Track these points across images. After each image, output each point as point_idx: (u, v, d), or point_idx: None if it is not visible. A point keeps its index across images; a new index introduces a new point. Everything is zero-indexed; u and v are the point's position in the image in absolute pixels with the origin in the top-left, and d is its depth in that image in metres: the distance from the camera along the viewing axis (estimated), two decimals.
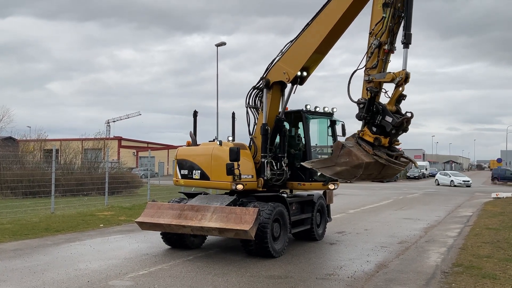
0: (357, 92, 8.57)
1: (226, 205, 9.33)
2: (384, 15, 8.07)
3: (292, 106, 10.87)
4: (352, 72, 8.62)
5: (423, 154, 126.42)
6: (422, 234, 12.82)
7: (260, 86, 10.44)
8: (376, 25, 8.19)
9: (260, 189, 10.19)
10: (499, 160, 69.03)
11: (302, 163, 9.37)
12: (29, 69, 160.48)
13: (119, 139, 68.00)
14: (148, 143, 77.38)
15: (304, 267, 8.50)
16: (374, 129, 8.06)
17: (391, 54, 8.40)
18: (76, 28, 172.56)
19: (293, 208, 10.52)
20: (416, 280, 7.58)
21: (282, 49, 10.14)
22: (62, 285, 7.08)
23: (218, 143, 10.19)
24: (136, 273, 7.84)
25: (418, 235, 12.72)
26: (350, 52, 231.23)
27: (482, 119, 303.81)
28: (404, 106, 8.72)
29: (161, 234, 10.18)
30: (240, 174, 9.54)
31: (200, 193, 10.61)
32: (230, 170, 9.47)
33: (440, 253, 9.92)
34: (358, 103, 8.30)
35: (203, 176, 10.18)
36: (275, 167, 10.20)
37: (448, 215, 18.02)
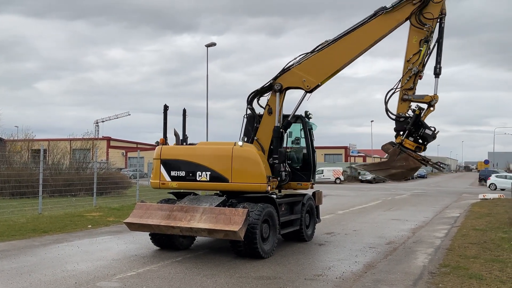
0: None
1: (216, 206, 9.32)
2: (421, 48, 9.89)
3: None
4: (389, 93, 10.13)
5: None
6: (410, 235, 12.92)
7: (276, 88, 10.45)
8: (413, 55, 9.94)
9: (274, 190, 10.42)
10: (486, 162, 69.79)
11: (353, 165, 10.64)
12: (17, 68, 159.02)
13: (108, 139, 67.68)
14: (137, 143, 77.09)
15: (293, 268, 8.52)
16: (412, 139, 9.89)
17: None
18: (65, 26, 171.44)
19: (283, 209, 10.55)
20: (403, 281, 7.64)
21: (299, 56, 10.49)
22: (49, 287, 7.02)
23: (240, 144, 9.96)
24: (124, 274, 7.80)
25: (406, 235, 12.81)
26: None
27: (470, 121, 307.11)
28: (394, 108, 10.12)
29: (149, 235, 10.14)
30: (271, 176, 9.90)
31: (189, 194, 10.58)
32: (278, 172, 10.05)
33: (428, 254, 10.01)
34: (398, 117, 9.99)
35: (216, 178, 9.72)
36: (287, 169, 10.50)
37: (435, 216, 18.18)
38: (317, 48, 10.38)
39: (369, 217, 17.41)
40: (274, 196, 10.53)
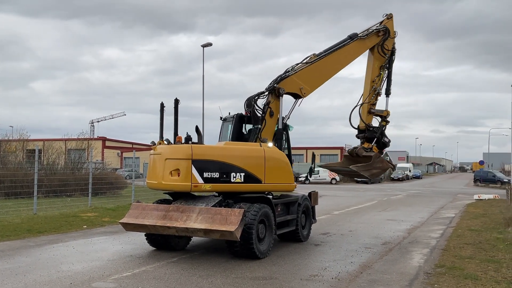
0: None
1: (212, 206, 9.31)
2: (381, 72, 12.57)
3: None
4: (353, 107, 12.44)
5: (407, 156, 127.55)
6: (406, 235, 12.95)
7: (282, 93, 10.92)
8: (376, 77, 12.50)
9: None
10: (481, 163, 69.97)
11: (350, 166, 12.04)
12: (12, 67, 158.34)
13: (103, 139, 67.50)
14: (132, 143, 76.91)
15: (288, 268, 8.52)
16: (376, 145, 12.25)
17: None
18: (60, 26, 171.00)
19: (279, 209, 10.55)
20: (399, 281, 7.66)
21: (296, 65, 11.40)
22: (44, 287, 6.99)
23: (270, 145, 10.25)
24: (119, 275, 7.77)
25: (401, 236, 12.84)
26: None
27: (465, 121, 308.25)
28: (389, 108, 12.54)
29: (145, 235, 10.11)
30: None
31: (185, 194, 10.54)
32: (311, 173, 12.51)
33: (423, 254, 10.04)
34: (369, 127, 12.35)
35: (251, 179, 9.72)
36: None
37: (431, 216, 18.23)
38: (311, 60, 11.42)
39: (364, 217, 17.44)
40: (270, 196, 10.53)
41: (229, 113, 11.49)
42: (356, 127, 12.52)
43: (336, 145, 78.39)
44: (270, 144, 10.27)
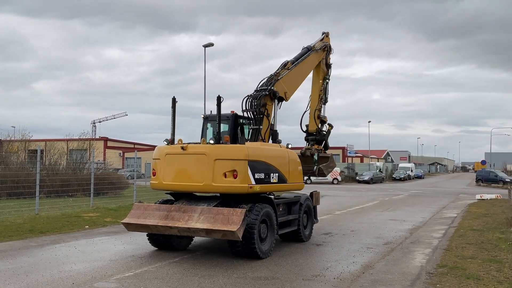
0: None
1: (214, 206, 9.31)
2: (324, 83, 13.93)
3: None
4: (303, 113, 13.60)
5: (409, 156, 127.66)
6: (408, 235, 12.93)
7: (277, 95, 11.20)
8: (320, 90, 13.79)
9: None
10: (483, 162, 69.99)
11: (320, 166, 13.16)
12: (13, 67, 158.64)
13: (105, 139, 67.52)
14: (134, 143, 76.94)
15: (290, 268, 8.52)
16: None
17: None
18: (61, 26, 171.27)
19: (280, 209, 10.55)
20: (401, 281, 7.65)
21: (279, 69, 11.88)
22: (46, 287, 7.00)
23: (290, 146, 10.89)
24: (121, 275, 7.78)
25: (403, 236, 12.83)
26: (337, 53, 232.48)
27: (467, 121, 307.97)
28: (391, 108, 12.44)
29: (147, 235, 10.12)
30: None
31: (187, 194, 10.56)
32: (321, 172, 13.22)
33: (425, 254, 10.02)
34: (320, 130, 13.64)
35: (281, 180, 10.06)
36: None
37: (433, 216, 18.21)
38: (288, 67, 11.98)
39: (366, 217, 17.42)
40: (272, 196, 10.54)
41: (211, 111, 11.41)
42: (305, 130, 13.70)
43: (338, 145, 78.31)
44: (290, 146, 10.92)
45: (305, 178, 12.33)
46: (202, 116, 11.52)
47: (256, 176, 9.18)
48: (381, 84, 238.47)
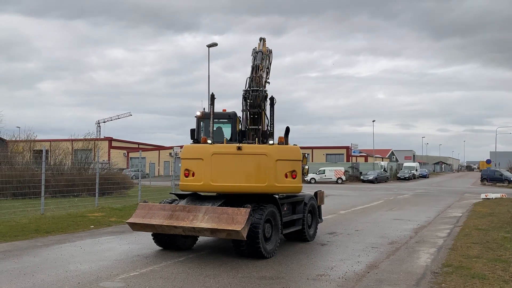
0: None
1: (218, 206, 9.33)
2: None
3: None
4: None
5: (413, 155, 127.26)
6: (413, 235, 12.91)
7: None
8: None
9: None
10: (488, 161, 69.65)
11: None
12: (17, 68, 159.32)
13: (110, 139, 67.77)
14: (139, 143, 77.15)
15: (295, 268, 8.52)
16: None
17: None
18: (64, 26, 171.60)
19: (285, 208, 10.55)
20: (406, 281, 7.64)
21: (254, 72, 11.41)
22: (52, 287, 7.03)
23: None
24: (127, 275, 7.81)
25: (408, 235, 12.80)
26: (342, 53, 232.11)
27: (472, 120, 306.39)
28: (395, 107, 11.78)
29: (152, 235, 10.14)
30: None
31: (192, 194, 10.59)
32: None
33: (430, 254, 10.00)
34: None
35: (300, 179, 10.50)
36: None
37: (438, 215, 18.16)
38: (261, 68, 11.65)
39: (371, 217, 17.40)
40: (277, 196, 10.54)
41: (204, 109, 11.68)
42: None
43: (342, 144, 78.23)
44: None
45: (309, 178, 12.37)
46: (200, 113, 11.38)
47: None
48: (385, 83, 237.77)
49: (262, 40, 12.70)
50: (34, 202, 16.98)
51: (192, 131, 11.20)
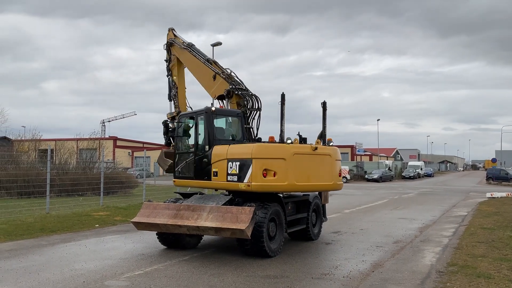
0: None
1: (222, 205, 9.33)
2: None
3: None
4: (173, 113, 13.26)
5: (418, 154, 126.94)
6: (417, 234, 12.87)
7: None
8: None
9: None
10: (493, 160, 69.36)
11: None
12: (22, 68, 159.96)
13: (115, 139, 67.89)
14: (143, 143, 77.27)
15: (299, 267, 8.52)
16: None
17: None
18: (69, 25, 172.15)
19: (289, 207, 10.54)
20: (411, 280, 7.62)
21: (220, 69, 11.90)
22: (57, 285, 7.06)
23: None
24: (131, 273, 7.83)
25: (413, 234, 12.76)
26: (346, 51, 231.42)
27: (477, 119, 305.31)
28: (400, 106, 11.89)
29: (156, 234, 10.17)
30: None
31: (196, 193, 10.61)
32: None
33: (435, 253, 9.97)
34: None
35: None
36: None
37: (443, 214, 18.10)
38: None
39: (376, 216, 17.36)
40: (281, 195, 10.53)
41: (212, 104, 11.69)
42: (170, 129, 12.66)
43: (346, 143, 78.09)
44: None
45: None
46: (214, 108, 10.95)
47: None
48: (391, 81, 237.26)
49: (171, 29, 13.57)
50: (39, 201, 17.05)
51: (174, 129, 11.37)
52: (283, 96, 9.85)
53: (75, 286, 7.04)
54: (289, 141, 9.67)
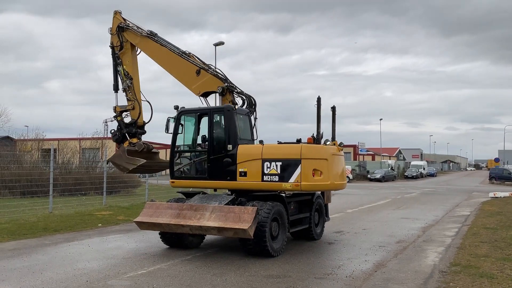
0: None
1: (225, 204, 9.34)
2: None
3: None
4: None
5: (421, 154, 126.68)
6: (420, 234, 12.85)
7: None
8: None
9: None
10: (496, 160, 69.22)
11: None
12: (25, 67, 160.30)
13: None
14: (146, 142, 77.14)
15: (302, 267, 8.52)
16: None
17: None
18: (71, 25, 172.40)
19: (292, 207, 10.54)
20: (414, 280, 7.61)
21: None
22: (61, 285, 7.08)
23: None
24: (134, 273, 7.84)
25: (416, 234, 12.75)
26: (350, 50, 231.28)
27: (480, 118, 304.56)
28: (403, 105, 12.16)
29: (159, 233, 10.18)
30: None
31: (198, 193, 10.62)
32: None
33: (438, 253, 9.96)
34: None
35: None
36: None
37: (446, 214, 18.07)
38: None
39: (378, 215, 17.35)
40: (283, 194, 10.53)
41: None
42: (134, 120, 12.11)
43: (349, 142, 77.97)
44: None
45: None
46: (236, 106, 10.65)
47: None
48: (394, 81, 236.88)
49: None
50: (42, 200, 17.08)
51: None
52: (319, 99, 10.61)
53: (78, 285, 7.06)
54: (328, 142, 10.46)
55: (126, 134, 11.85)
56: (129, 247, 10.34)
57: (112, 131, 12.30)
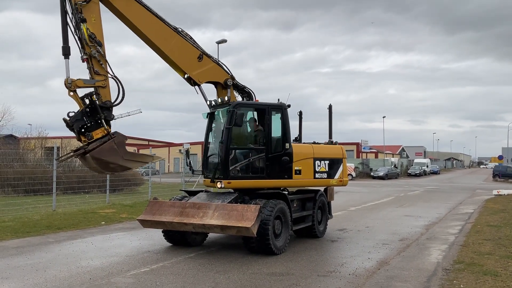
0: None
1: (228, 203, 9.34)
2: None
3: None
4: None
5: (424, 151, 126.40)
6: (423, 231, 12.83)
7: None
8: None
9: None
10: (500, 157, 68.92)
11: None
12: (28, 66, 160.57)
13: None
14: (149, 140, 77.47)
15: (305, 264, 8.52)
16: None
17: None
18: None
19: (295, 205, 10.54)
20: (417, 277, 7.60)
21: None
22: (64, 282, 7.10)
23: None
24: (138, 270, 7.86)
25: (419, 232, 12.72)
26: (353, 47, 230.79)
27: (484, 116, 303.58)
28: (406, 103, 12.87)
29: (162, 231, 10.19)
30: None
31: (201, 191, 10.62)
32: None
33: (442, 250, 9.94)
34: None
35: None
36: None
37: (449, 212, 18.03)
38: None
39: (381, 213, 17.32)
40: (286, 192, 10.53)
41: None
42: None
43: (352, 140, 77.86)
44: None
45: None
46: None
47: None
48: (397, 78, 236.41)
49: None
50: (45, 198, 17.12)
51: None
52: (330, 107, 11.90)
53: (82, 283, 7.08)
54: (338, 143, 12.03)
55: (103, 121, 8.97)
56: (132, 245, 10.36)
57: (71, 114, 8.94)
